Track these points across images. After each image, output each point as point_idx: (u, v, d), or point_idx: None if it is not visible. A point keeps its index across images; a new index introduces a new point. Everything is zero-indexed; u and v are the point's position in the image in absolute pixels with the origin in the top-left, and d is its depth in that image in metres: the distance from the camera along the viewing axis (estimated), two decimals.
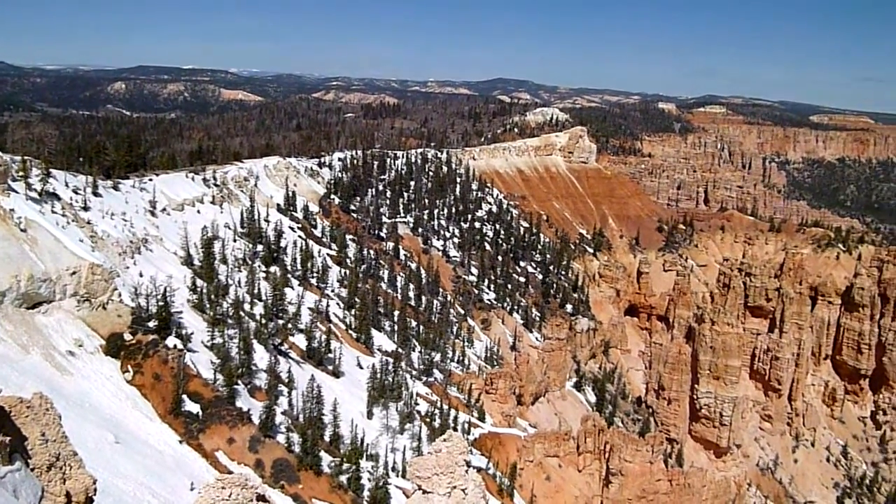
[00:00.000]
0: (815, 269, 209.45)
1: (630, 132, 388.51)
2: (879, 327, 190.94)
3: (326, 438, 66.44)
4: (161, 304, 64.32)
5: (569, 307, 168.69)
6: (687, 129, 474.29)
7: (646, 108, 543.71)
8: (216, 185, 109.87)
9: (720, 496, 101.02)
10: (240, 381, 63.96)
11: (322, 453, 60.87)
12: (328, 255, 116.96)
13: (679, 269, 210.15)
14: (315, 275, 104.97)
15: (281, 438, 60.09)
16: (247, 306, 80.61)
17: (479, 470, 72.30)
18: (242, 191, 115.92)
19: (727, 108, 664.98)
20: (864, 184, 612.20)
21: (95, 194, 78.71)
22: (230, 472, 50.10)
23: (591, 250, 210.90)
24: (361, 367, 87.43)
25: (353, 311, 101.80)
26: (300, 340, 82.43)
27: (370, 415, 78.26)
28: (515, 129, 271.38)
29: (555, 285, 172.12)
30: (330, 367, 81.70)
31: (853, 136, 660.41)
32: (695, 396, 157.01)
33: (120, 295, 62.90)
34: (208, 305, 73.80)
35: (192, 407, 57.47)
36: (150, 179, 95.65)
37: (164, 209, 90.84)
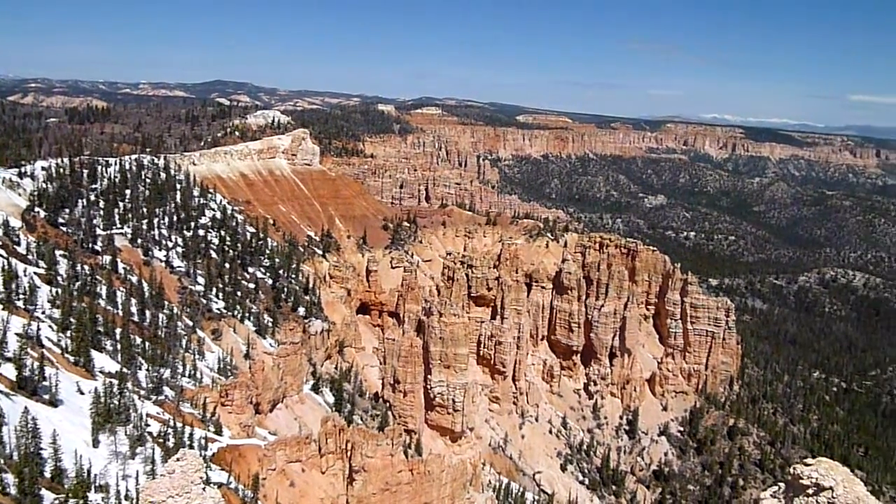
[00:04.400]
0: (528, 258, 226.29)
1: (352, 134, 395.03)
2: (586, 307, 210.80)
3: (48, 475, 61.08)
4: None
5: (301, 310, 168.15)
6: (406, 130, 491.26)
7: (366, 109, 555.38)
8: None
9: (458, 479, 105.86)
10: None
11: (43, 491, 55.95)
12: (35, 273, 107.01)
13: (406, 266, 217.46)
14: (21, 296, 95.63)
15: None
16: None
17: (219, 485, 70.30)
18: None
19: (442, 110, 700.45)
20: (565, 177, 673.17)
21: None
22: None
23: (320, 252, 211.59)
24: (82, 393, 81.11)
25: (68, 333, 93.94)
26: (8, 370, 74.75)
27: (96, 443, 72.98)
28: (237, 133, 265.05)
29: (286, 289, 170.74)
30: (46, 397, 74.98)
31: (555, 135, 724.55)
32: (428, 386, 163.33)
33: None
34: None
35: None
36: None
37: None
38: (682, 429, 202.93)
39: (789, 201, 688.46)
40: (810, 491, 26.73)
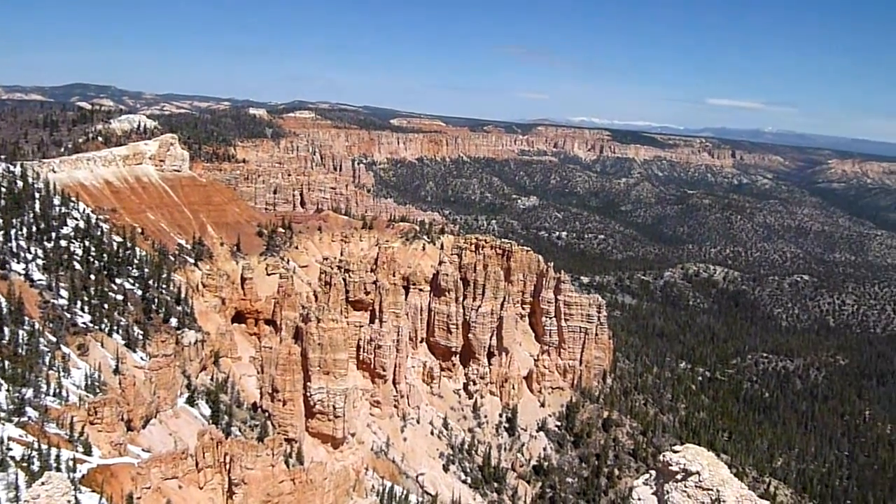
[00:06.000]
0: (405, 261, 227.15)
1: (223, 138, 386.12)
2: (463, 308, 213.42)
3: None
4: None
5: (173, 321, 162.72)
6: (279, 135, 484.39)
7: (237, 113, 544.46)
8: None
9: (341, 485, 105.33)
10: None
11: None
12: None
13: (282, 272, 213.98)
14: None
15: None
16: None
17: None
18: None
19: (316, 113, 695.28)
20: (440, 180, 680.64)
21: None
22: None
23: (191, 260, 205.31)
24: None
25: None
26: None
27: None
28: (100, 138, 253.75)
29: (156, 300, 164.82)
30: None
31: (429, 138, 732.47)
32: (308, 394, 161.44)
33: None
34: None
35: None
36: None
37: None
38: (559, 423, 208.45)
39: (654, 200, 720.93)
40: (679, 476, 28.14)
